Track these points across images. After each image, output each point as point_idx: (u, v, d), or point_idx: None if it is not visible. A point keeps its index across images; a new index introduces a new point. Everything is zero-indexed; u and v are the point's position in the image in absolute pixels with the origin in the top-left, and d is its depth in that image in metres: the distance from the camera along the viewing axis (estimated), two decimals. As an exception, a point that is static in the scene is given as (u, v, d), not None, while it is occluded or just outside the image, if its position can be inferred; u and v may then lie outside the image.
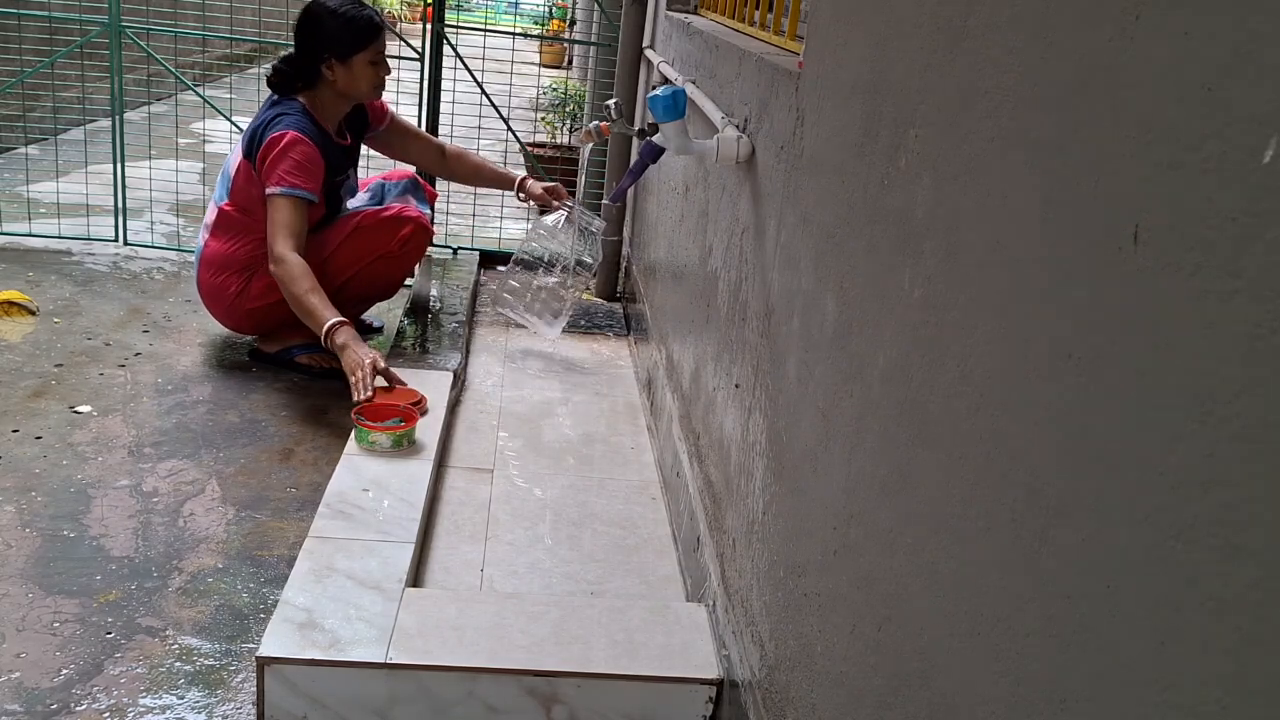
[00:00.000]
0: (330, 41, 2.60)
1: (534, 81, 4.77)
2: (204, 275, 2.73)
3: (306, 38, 2.63)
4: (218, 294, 2.73)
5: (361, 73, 2.64)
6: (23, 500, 2.05)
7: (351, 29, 2.61)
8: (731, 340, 1.77)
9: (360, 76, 2.65)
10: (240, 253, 2.68)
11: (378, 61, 2.68)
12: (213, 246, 2.71)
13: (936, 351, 0.90)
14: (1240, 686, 0.51)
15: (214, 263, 2.70)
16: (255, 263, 2.66)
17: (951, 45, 0.91)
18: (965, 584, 0.81)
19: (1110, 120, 0.65)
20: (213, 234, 2.72)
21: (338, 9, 2.62)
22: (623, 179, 2.24)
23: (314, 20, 2.62)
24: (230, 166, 2.71)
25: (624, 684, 1.54)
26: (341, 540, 1.80)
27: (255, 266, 2.66)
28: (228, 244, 2.69)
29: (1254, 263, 0.52)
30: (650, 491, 2.35)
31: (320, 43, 2.61)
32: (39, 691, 1.56)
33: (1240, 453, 0.52)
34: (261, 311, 2.71)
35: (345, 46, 2.61)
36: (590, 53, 4.79)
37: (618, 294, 3.69)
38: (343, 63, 2.62)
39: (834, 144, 1.26)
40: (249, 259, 2.67)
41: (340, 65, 2.62)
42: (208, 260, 2.71)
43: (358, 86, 2.67)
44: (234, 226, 2.68)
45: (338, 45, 2.60)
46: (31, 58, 4.04)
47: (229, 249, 2.69)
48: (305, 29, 2.64)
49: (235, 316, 2.77)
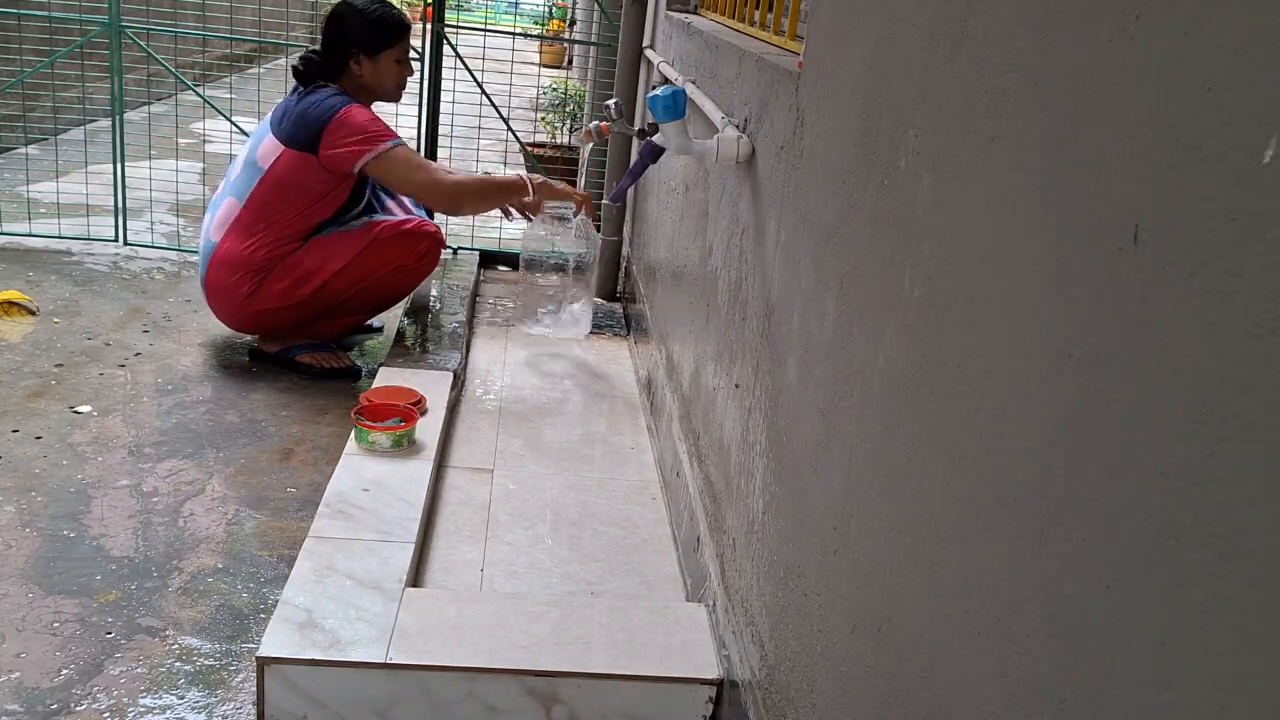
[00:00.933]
0: (361, 37, 2.67)
1: (534, 81, 4.76)
2: (215, 275, 2.70)
3: (336, 32, 2.68)
4: (228, 294, 2.70)
5: (388, 69, 2.72)
6: (23, 500, 2.05)
7: (382, 25, 2.69)
8: (731, 340, 1.77)
9: (387, 73, 2.72)
10: (259, 254, 2.64)
11: (404, 60, 2.76)
12: (227, 246, 2.67)
13: (936, 351, 0.90)
14: (1240, 686, 0.51)
15: (228, 262, 2.66)
16: (272, 263, 2.64)
17: (952, 45, 0.91)
18: (965, 584, 0.81)
19: (1110, 120, 0.65)
20: (229, 233, 2.67)
21: (368, 6, 2.69)
22: (623, 179, 2.23)
23: (345, 16, 2.68)
24: (258, 158, 2.66)
25: (624, 684, 1.54)
26: (341, 540, 1.80)
27: (270, 267, 2.65)
28: (246, 244, 2.65)
29: (1254, 263, 0.52)
30: (650, 491, 2.35)
31: (351, 38, 2.67)
32: (39, 691, 1.56)
33: (1240, 453, 0.52)
34: (272, 314, 2.70)
35: (375, 42, 2.68)
36: (590, 53, 4.79)
37: (618, 294, 3.69)
38: (371, 58, 2.69)
39: (834, 144, 1.26)
40: (267, 259, 2.64)
41: (369, 60, 2.69)
42: (221, 260, 2.67)
43: (383, 83, 2.74)
44: (255, 225, 2.65)
45: (368, 41, 2.67)
46: (31, 58, 4.04)
47: (246, 249, 2.65)
48: (336, 24, 2.69)
49: (242, 317, 2.75)
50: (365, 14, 2.68)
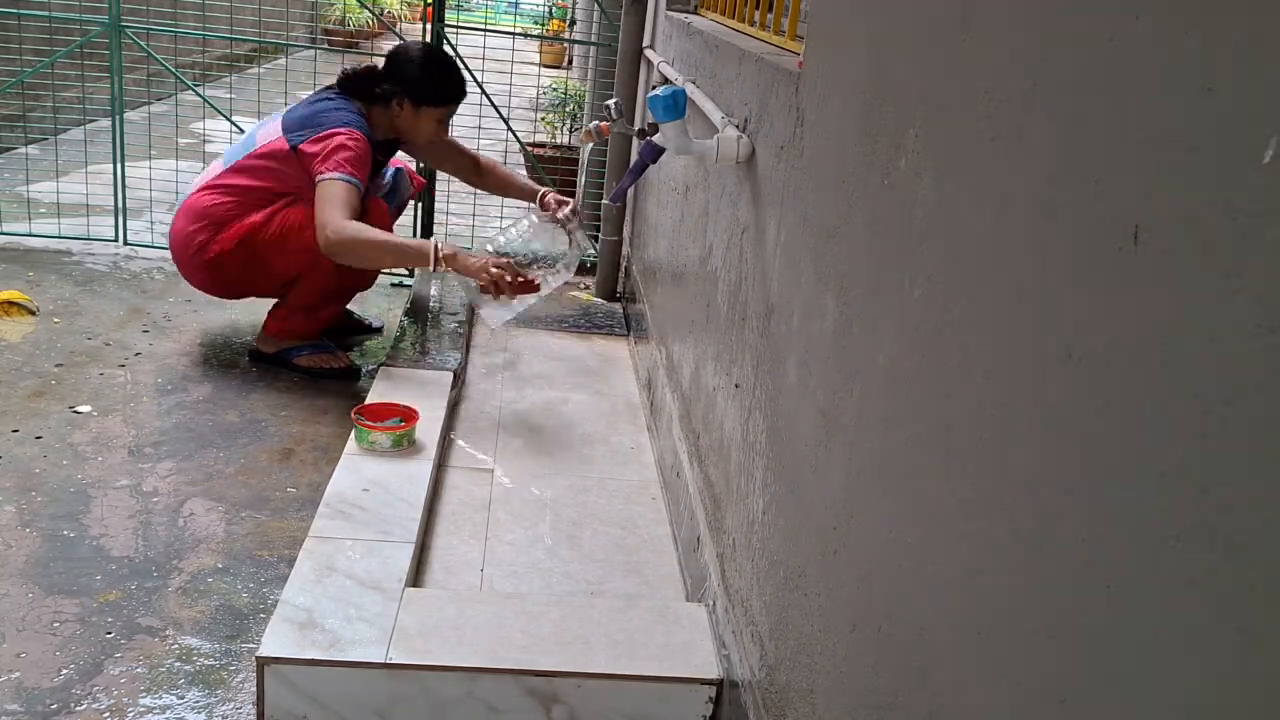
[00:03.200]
0: (415, 85, 2.68)
1: (534, 81, 4.76)
2: (179, 223, 2.71)
3: (398, 69, 2.69)
4: (184, 244, 2.69)
5: (426, 125, 2.74)
6: (23, 500, 2.05)
7: (439, 85, 2.70)
8: (731, 340, 1.77)
9: (423, 127, 2.74)
10: (221, 209, 2.65)
11: (443, 123, 2.80)
12: (198, 196, 2.68)
13: (936, 351, 0.90)
14: (1240, 686, 0.51)
15: (191, 211, 2.68)
16: (229, 221, 2.64)
17: (952, 45, 0.91)
18: (965, 584, 0.81)
19: (1110, 120, 0.65)
20: (204, 187, 2.69)
21: (436, 62, 2.72)
22: (623, 179, 2.23)
23: (413, 60, 2.70)
24: (257, 140, 2.68)
25: (624, 684, 1.54)
26: (341, 540, 1.80)
27: (227, 224, 2.64)
28: (214, 198, 2.66)
29: (1254, 263, 0.52)
30: (650, 491, 2.35)
31: (407, 81, 2.67)
32: (39, 691, 1.56)
33: (1240, 453, 0.52)
34: (221, 262, 2.65)
35: (426, 96, 2.69)
36: (590, 53, 4.79)
37: (618, 294, 3.69)
38: (415, 108, 2.70)
39: (834, 144, 1.26)
40: (226, 216, 2.64)
41: (410, 108, 2.70)
42: (186, 209, 2.70)
43: (414, 134, 2.77)
44: (230, 187, 2.66)
45: (419, 91, 2.68)
46: (31, 58, 4.04)
47: (212, 202, 2.66)
48: (400, 61, 2.70)
49: (196, 269, 2.72)
50: (429, 67, 2.69)
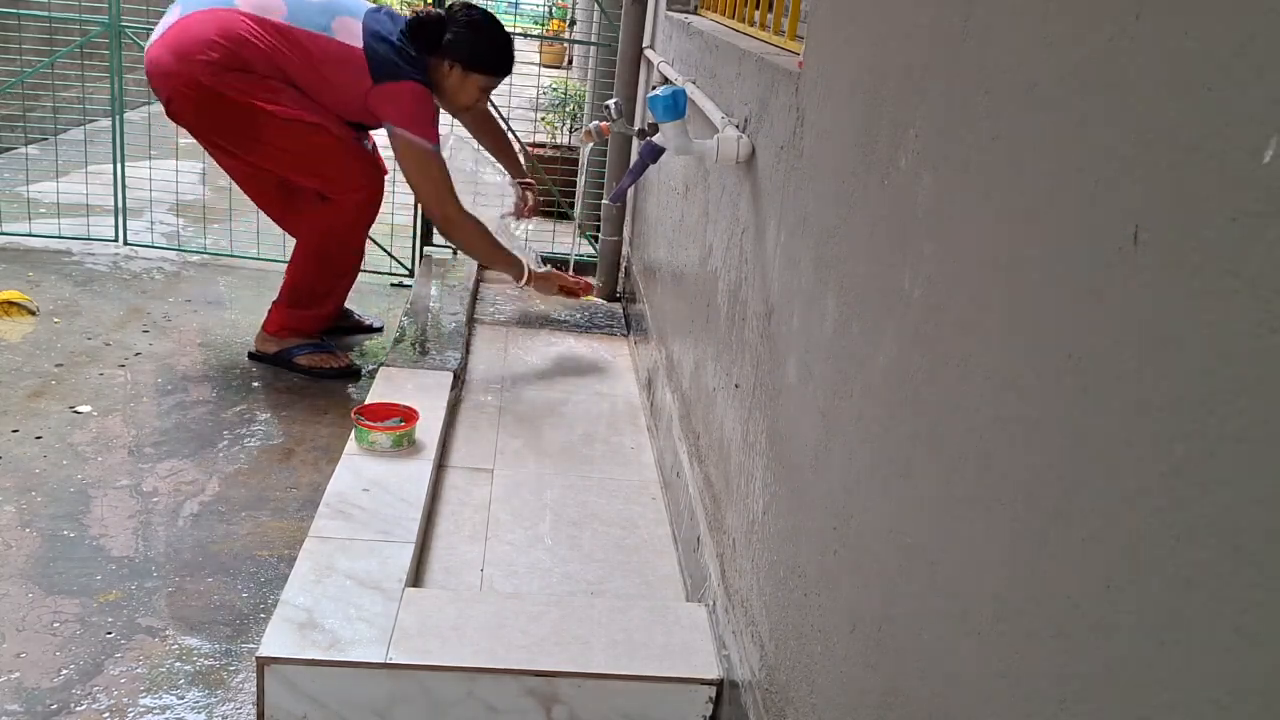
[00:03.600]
0: (469, 50, 2.66)
1: (534, 81, 4.76)
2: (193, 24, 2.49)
3: (458, 31, 2.64)
4: (190, 46, 2.47)
5: (470, 91, 2.73)
6: (23, 500, 2.05)
7: (493, 53, 2.71)
8: (731, 340, 1.77)
9: (467, 92, 2.73)
10: (249, 50, 2.48)
11: (486, 92, 2.79)
12: (235, 16, 2.49)
13: (936, 351, 0.90)
14: (1240, 686, 0.51)
15: (220, 22, 2.48)
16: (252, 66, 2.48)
17: (951, 45, 0.91)
18: (965, 584, 0.81)
19: (1110, 120, 0.65)
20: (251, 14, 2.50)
21: (498, 33, 2.71)
22: (623, 179, 2.23)
23: (473, 24, 2.67)
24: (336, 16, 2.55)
25: (624, 684, 1.54)
26: (341, 540, 1.80)
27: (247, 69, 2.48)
28: (253, 31, 2.48)
29: (1254, 263, 0.52)
30: (650, 491, 2.35)
31: (461, 44, 2.65)
32: (39, 691, 1.56)
33: (1240, 453, 0.52)
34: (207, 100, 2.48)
35: (477, 63, 2.68)
36: (590, 53, 4.79)
37: (618, 294, 3.68)
38: (463, 71, 2.68)
39: (834, 144, 1.26)
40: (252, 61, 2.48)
41: (458, 71, 2.68)
42: (214, 16, 2.48)
43: (457, 97, 2.75)
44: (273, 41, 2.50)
45: (472, 56, 2.67)
46: (31, 58, 4.03)
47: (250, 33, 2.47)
48: (462, 24, 2.65)
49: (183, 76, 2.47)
50: (487, 35, 2.68)
